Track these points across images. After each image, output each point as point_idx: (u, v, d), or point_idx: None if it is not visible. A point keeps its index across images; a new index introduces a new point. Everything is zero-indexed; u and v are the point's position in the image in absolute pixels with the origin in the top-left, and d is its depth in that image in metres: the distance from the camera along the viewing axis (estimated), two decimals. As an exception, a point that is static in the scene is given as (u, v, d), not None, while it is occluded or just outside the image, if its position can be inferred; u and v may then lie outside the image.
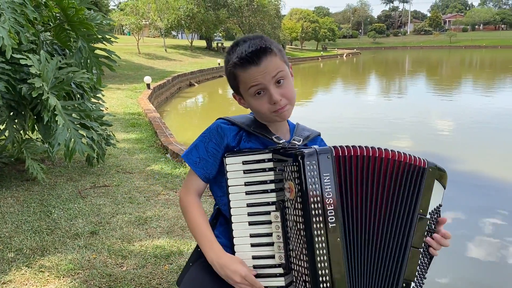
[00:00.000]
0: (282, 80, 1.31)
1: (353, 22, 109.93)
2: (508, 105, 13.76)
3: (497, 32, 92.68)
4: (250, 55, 1.27)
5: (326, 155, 1.16)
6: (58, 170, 4.57)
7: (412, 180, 1.22)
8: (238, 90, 1.38)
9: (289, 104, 1.33)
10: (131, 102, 10.66)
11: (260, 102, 1.32)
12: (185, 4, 33.73)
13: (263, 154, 1.28)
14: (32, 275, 2.51)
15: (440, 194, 1.27)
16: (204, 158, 1.38)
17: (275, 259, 1.24)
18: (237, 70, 1.31)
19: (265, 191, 1.27)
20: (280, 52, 1.34)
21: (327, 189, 1.13)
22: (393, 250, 1.21)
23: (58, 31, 4.09)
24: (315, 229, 1.12)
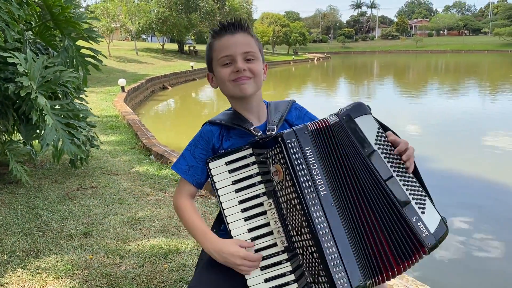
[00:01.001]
0: (252, 59, 1.40)
1: (323, 27, 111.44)
2: (472, 107, 14.28)
3: (460, 37, 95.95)
4: (228, 24, 1.40)
5: (303, 131, 1.23)
6: (41, 172, 4.45)
7: (342, 135, 1.26)
8: (211, 64, 1.46)
9: (252, 80, 1.40)
10: (106, 104, 10.49)
11: (224, 70, 1.39)
12: (156, 7, 33.42)
13: (244, 150, 1.34)
14: (29, 277, 2.44)
15: (371, 121, 1.29)
16: (192, 165, 1.45)
17: (278, 245, 1.28)
18: (214, 40, 1.42)
19: (253, 184, 1.32)
20: (257, 40, 1.45)
21: (311, 161, 1.21)
22: (374, 194, 1.22)
23: (42, 30, 4.00)
24: (310, 200, 1.18)
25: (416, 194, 1.26)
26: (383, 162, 1.25)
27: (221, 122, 1.46)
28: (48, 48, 4.22)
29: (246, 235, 1.30)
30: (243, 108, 1.47)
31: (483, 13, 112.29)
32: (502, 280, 3.89)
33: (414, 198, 1.25)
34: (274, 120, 1.45)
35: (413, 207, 1.23)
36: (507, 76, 27.33)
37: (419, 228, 1.21)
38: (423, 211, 1.24)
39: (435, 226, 1.24)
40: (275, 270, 1.27)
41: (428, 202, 1.26)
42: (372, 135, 1.27)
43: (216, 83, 1.48)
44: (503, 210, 5.43)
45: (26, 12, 3.97)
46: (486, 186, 6.36)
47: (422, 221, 1.22)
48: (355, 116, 1.27)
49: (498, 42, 78.18)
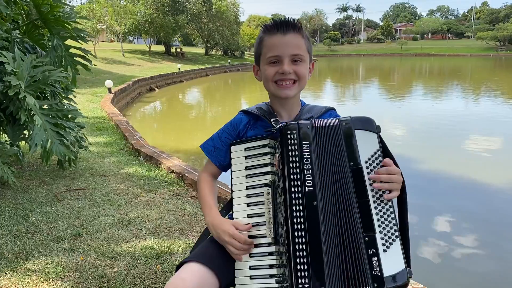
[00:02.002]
0: (299, 61, 1.42)
1: (309, 30, 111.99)
2: (456, 110, 14.48)
3: (444, 41, 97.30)
4: (281, 22, 1.40)
5: (306, 126, 1.25)
6: (28, 173, 4.38)
7: (335, 140, 1.25)
8: (259, 58, 1.49)
9: (297, 83, 1.44)
10: (93, 106, 10.37)
11: (270, 69, 1.42)
12: (143, 8, 33.22)
13: (262, 140, 1.37)
14: (19, 279, 2.39)
15: (373, 140, 1.25)
16: (218, 147, 1.53)
17: (267, 237, 1.29)
18: (265, 34, 1.44)
19: (263, 173, 1.35)
20: (308, 41, 1.45)
21: (305, 156, 1.21)
22: (343, 208, 1.19)
23: (30, 29, 3.94)
24: (293, 193, 1.19)
25: (387, 230, 1.18)
26: (363, 182, 1.21)
27: (253, 112, 1.51)
28: (36, 48, 4.16)
29: (245, 220, 1.35)
30: (278, 104, 1.50)
31: (466, 17, 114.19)
32: (485, 281, 3.94)
33: (383, 232, 1.18)
34: (300, 118, 1.48)
35: (376, 239, 1.16)
36: (490, 79, 27.79)
37: (372, 263, 1.14)
38: (385, 250, 1.16)
39: (393, 271, 1.14)
40: (260, 260, 1.29)
41: (397, 244, 1.17)
42: (367, 153, 1.24)
43: (260, 77, 1.50)
44: (486, 211, 5.51)
45: (14, 11, 3.91)
46: (469, 187, 6.44)
47: (378, 258, 1.15)
48: (356, 127, 1.26)
49: (481, 46, 79.56)
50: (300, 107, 1.54)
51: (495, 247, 4.49)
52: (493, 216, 5.30)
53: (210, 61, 38.86)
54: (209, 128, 11.42)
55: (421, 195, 5.97)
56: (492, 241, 4.62)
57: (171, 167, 4.70)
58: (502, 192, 6.16)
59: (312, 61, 1.50)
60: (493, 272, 4.04)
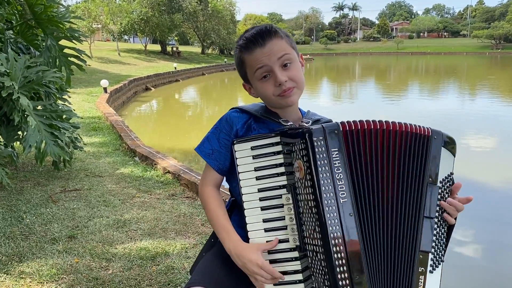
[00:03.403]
0: (288, 63, 1.31)
1: (306, 28, 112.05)
2: (452, 108, 14.52)
3: (440, 39, 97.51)
4: (255, 36, 1.30)
5: (333, 131, 1.14)
6: (23, 175, 4.35)
7: (418, 149, 1.19)
8: (246, 77, 1.39)
9: (296, 88, 1.33)
10: (89, 106, 10.33)
11: (266, 86, 1.32)
12: (138, 7, 33.12)
13: (271, 138, 1.26)
14: (13, 282, 2.38)
15: (450, 162, 1.24)
16: (216, 149, 1.38)
17: (290, 242, 1.22)
18: (244, 54, 1.33)
19: (276, 174, 1.25)
20: (287, 38, 1.35)
21: (336, 165, 1.12)
22: (406, 221, 1.17)
23: (24, 29, 3.91)
24: (327, 205, 1.10)
25: (437, 251, 1.20)
26: (435, 201, 1.19)
27: (251, 111, 1.40)
28: (30, 48, 4.13)
29: (260, 225, 1.26)
30: (280, 111, 1.40)
31: (462, 16, 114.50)
32: (483, 279, 3.94)
33: (434, 253, 1.19)
34: (311, 118, 1.41)
35: (428, 259, 1.17)
36: (486, 78, 27.88)
37: (418, 280, 1.15)
38: (432, 271, 1.18)
39: None
40: (283, 266, 1.22)
41: (440, 267, 1.21)
42: (443, 173, 1.22)
43: (256, 94, 1.40)
44: (481, 208, 5.52)
45: (7, 11, 3.88)
46: (465, 185, 6.44)
47: (424, 278, 1.16)
48: (445, 146, 1.23)
49: (476, 44, 79.77)
50: (300, 112, 1.46)
51: (494, 246, 4.50)
52: (491, 215, 5.32)
53: (207, 60, 38.82)
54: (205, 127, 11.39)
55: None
56: (492, 240, 4.64)
57: (166, 168, 4.68)
58: (500, 190, 6.18)
59: (299, 53, 1.41)
60: (491, 270, 4.06)
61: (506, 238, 4.71)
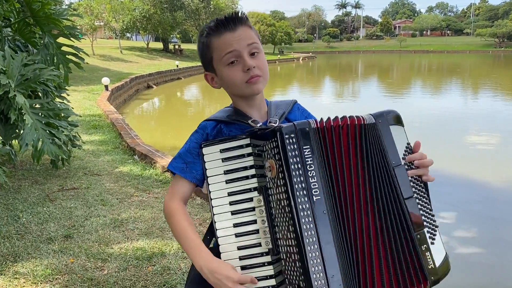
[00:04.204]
0: (256, 52, 1.30)
1: (308, 26, 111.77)
2: (455, 106, 14.47)
3: (443, 37, 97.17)
4: (226, 20, 1.27)
5: (304, 128, 1.13)
6: (21, 173, 4.33)
7: (371, 138, 1.17)
8: (210, 64, 1.35)
9: (262, 77, 1.31)
10: (89, 103, 10.31)
11: (233, 71, 1.28)
12: (141, 5, 33.09)
13: (241, 140, 1.24)
14: (7, 282, 2.36)
15: (402, 134, 1.21)
16: (189, 161, 1.34)
17: (262, 246, 1.19)
18: (212, 38, 1.29)
19: (246, 177, 1.22)
20: (256, 32, 1.35)
21: (308, 162, 1.11)
22: (388, 210, 1.14)
23: (22, 27, 3.88)
24: (300, 204, 1.08)
25: (430, 222, 1.17)
26: (406, 178, 1.16)
27: (218, 118, 1.37)
28: (28, 45, 4.11)
29: (231, 230, 1.22)
30: (246, 105, 1.38)
31: (465, 14, 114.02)
32: (485, 276, 3.92)
33: (427, 225, 1.16)
34: (275, 115, 1.37)
35: (425, 234, 1.15)
36: (489, 76, 27.76)
37: (426, 259, 1.13)
38: (433, 242, 1.16)
39: (440, 260, 1.15)
40: (256, 272, 1.18)
41: (438, 233, 1.18)
42: (401, 149, 1.19)
43: (219, 84, 1.36)
44: (483, 207, 5.49)
45: (5, 8, 3.85)
46: (468, 184, 6.42)
47: (430, 252, 1.14)
48: (391, 123, 1.19)
49: (480, 42, 79.47)
50: (266, 105, 1.43)
51: (496, 244, 4.47)
52: (493, 213, 5.29)
53: (209, 58, 38.69)
54: (206, 126, 11.34)
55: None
56: (492, 239, 4.61)
57: (165, 166, 4.65)
58: (503, 189, 6.14)
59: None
60: (493, 270, 4.03)
61: (510, 235, 4.69)
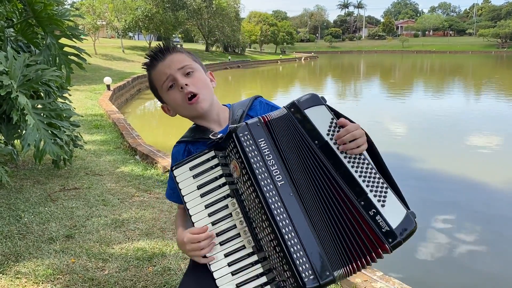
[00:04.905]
0: (191, 71, 1.39)
1: (310, 26, 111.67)
2: (457, 107, 14.45)
3: (445, 38, 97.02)
4: (155, 52, 1.40)
5: (255, 124, 1.22)
6: (23, 173, 4.36)
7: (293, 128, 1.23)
8: (159, 96, 1.46)
9: (202, 94, 1.38)
10: (91, 103, 10.34)
11: (173, 94, 1.38)
12: (143, 4, 33.14)
13: (206, 154, 1.32)
14: (8, 282, 2.37)
15: (324, 112, 1.25)
16: (174, 187, 1.42)
17: (246, 248, 1.24)
18: (151, 72, 1.42)
19: (218, 187, 1.30)
20: (190, 54, 1.45)
21: (265, 152, 1.19)
22: (327, 186, 1.18)
23: (24, 27, 3.90)
24: (267, 191, 1.15)
25: (375, 185, 1.19)
26: (335, 153, 1.20)
27: (185, 139, 1.48)
28: (30, 46, 4.13)
29: (215, 239, 1.28)
30: (204, 121, 1.46)
31: (468, 14, 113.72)
32: (486, 276, 3.93)
33: (373, 190, 1.18)
34: (235, 119, 1.43)
35: (370, 199, 1.16)
36: (491, 77, 27.71)
37: (377, 222, 1.14)
38: (383, 204, 1.17)
39: (399, 220, 1.15)
40: (246, 274, 1.23)
41: (389, 194, 1.18)
42: (325, 126, 1.23)
43: (173, 112, 1.46)
44: (486, 208, 5.49)
45: (8, 9, 3.87)
46: (469, 184, 6.43)
47: (381, 215, 1.15)
48: (305, 107, 1.24)
49: (482, 43, 79.31)
50: (228, 111, 1.49)
51: (496, 245, 4.48)
52: (494, 214, 5.30)
53: (211, 58, 38.77)
54: (208, 126, 11.35)
55: (421, 192, 5.97)
56: (493, 239, 4.62)
57: (166, 167, 4.67)
58: (504, 189, 6.14)
59: (207, 71, 1.48)
60: (493, 270, 4.04)
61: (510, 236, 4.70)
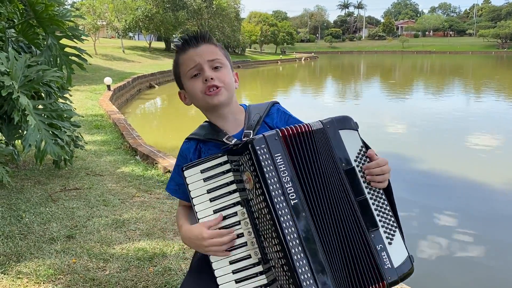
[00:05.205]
0: (219, 67, 1.38)
1: (310, 26, 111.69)
2: (457, 107, 14.45)
3: (445, 38, 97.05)
4: (190, 38, 1.38)
5: (273, 137, 1.18)
6: (23, 173, 4.37)
7: (322, 144, 1.21)
8: (180, 80, 1.44)
9: (224, 88, 1.37)
10: (92, 103, 10.35)
11: (194, 83, 1.37)
12: (143, 4, 33.15)
13: (219, 158, 1.30)
14: (10, 282, 2.38)
15: (355, 138, 1.24)
16: (181, 183, 1.42)
17: (252, 258, 1.23)
18: (179, 55, 1.41)
19: (228, 193, 1.28)
20: (222, 49, 1.43)
21: (281, 168, 1.16)
22: (344, 210, 1.19)
23: (25, 28, 3.91)
24: (279, 209, 1.13)
25: (387, 222, 1.21)
26: (359, 180, 1.21)
27: (197, 137, 1.45)
28: (31, 47, 4.14)
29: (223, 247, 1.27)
30: (218, 119, 1.43)
31: (468, 15, 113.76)
32: (486, 277, 3.93)
33: (384, 225, 1.20)
34: (251, 124, 1.41)
35: (381, 234, 1.19)
36: (492, 77, 27.72)
37: (382, 258, 1.17)
38: (390, 242, 1.19)
39: (400, 261, 1.19)
40: (250, 284, 1.22)
41: (397, 234, 1.21)
42: (354, 151, 1.23)
43: (189, 100, 1.44)
44: (486, 208, 5.50)
45: (9, 10, 3.88)
46: (469, 185, 6.44)
47: (386, 252, 1.18)
48: (340, 128, 1.23)
49: (482, 43, 79.34)
50: (244, 113, 1.47)
51: (496, 246, 4.49)
52: (494, 214, 5.31)
53: (211, 58, 38.71)
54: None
55: (422, 192, 5.98)
56: (493, 240, 4.62)
57: (167, 167, 4.68)
58: (503, 190, 6.15)
59: (234, 71, 1.45)
60: (493, 270, 4.04)
61: (510, 236, 4.71)
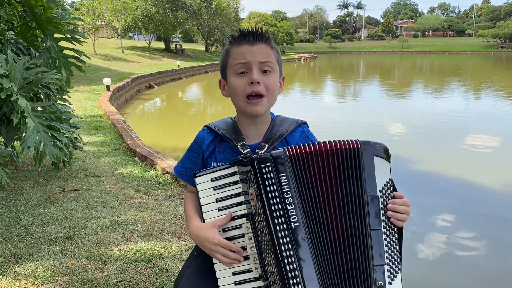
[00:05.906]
0: (268, 71, 1.34)
1: (310, 26, 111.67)
2: (456, 108, 14.47)
3: (445, 38, 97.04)
4: (248, 33, 1.34)
5: (280, 157, 1.15)
6: (22, 174, 4.39)
7: (351, 164, 1.18)
8: (225, 70, 1.41)
9: (266, 99, 1.34)
10: (91, 104, 10.37)
11: (239, 81, 1.33)
12: (142, 4, 33.15)
13: (230, 168, 1.29)
14: (8, 284, 2.40)
15: (386, 169, 1.21)
16: (188, 167, 1.50)
17: (253, 272, 1.24)
18: (232, 46, 1.37)
19: (236, 204, 1.27)
20: (277, 52, 1.40)
21: (285, 189, 1.13)
22: (355, 237, 1.15)
23: (24, 30, 3.93)
24: (279, 231, 1.11)
25: (392, 261, 1.18)
26: (379, 212, 1.17)
27: (217, 130, 1.45)
28: (30, 49, 4.16)
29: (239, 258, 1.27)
30: (246, 122, 1.42)
31: (467, 15, 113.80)
32: (485, 277, 3.95)
33: (389, 263, 1.17)
34: (270, 138, 1.39)
35: (384, 271, 1.16)
36: (491, 78, 27.75)
37: None
38: (391, 282, 1.16)
39: None
40: None
41: (399, 276, 1.18)
42: (381, 181, 1.20)
43: (227, 92, 1.41)
44: (485, 208, 5.52)
45: (8, 12, 3.90)
46: (469, 184, 6.45)
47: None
48: (376, 154, 1.20)
49: (482, 43, 79.33)
50: (269, 123, 1.45)
51: (496, 246, 4.50)
52: (494, 214, 5.32)
53: (210, 58, 38.79)
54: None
55: (421, 193, 5.99)
56: (493, 240, 4.64)
57: (165, 168, 4.70)
58: (503, 191, 6.17)
59: (282, 75, 1.43)
60: (493, 270, 4.06)
61: (509, 236, 4.73)
